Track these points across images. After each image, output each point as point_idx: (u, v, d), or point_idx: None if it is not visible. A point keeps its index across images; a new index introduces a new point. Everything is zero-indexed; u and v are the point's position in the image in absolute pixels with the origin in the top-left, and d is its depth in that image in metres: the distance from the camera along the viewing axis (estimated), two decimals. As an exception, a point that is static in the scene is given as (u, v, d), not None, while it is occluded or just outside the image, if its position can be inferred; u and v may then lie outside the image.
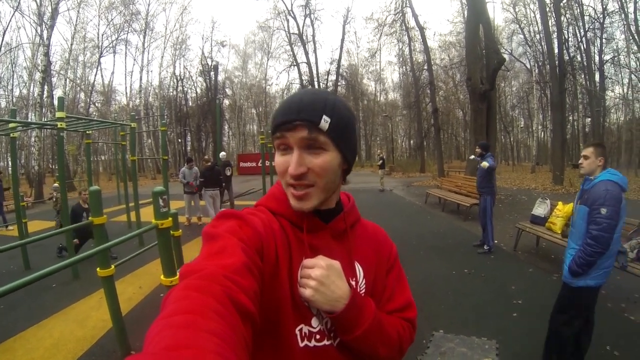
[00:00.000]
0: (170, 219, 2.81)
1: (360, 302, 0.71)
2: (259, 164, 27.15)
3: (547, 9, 18.06)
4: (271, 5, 34.04)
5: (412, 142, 44.63)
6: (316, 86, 33.70)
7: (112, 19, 31.72)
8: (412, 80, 29.49)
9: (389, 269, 0.86)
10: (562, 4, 20.50)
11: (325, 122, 0.67)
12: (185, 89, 39.78)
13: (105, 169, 36.51)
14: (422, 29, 23.80)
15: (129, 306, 4.08)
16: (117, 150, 11.28)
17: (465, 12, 22.38)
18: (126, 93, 35.95)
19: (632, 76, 25.57)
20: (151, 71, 35.34)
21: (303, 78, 34.78)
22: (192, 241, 6.83)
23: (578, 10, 24.52)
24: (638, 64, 24.97)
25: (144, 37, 33.56)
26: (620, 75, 26.37)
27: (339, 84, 35.74)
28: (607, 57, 26.15)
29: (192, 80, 40.09)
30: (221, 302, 0.46)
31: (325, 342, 0.71)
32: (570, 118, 25.46)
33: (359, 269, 0.79)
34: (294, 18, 33.30)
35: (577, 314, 2.60)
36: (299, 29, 33.32)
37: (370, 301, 0.75)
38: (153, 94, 36.98)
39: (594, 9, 25.13)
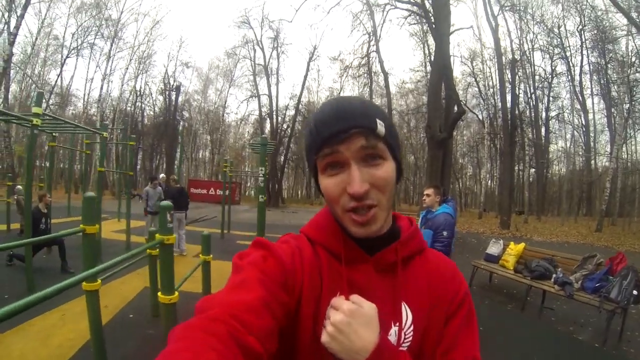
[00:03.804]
0: (174, 235, 2.77)
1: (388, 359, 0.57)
2: (210, 192, 26.82)
3: (504, 67, 19.49)
4: (241, 33, 33.44)
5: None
6: (274, 120, 33.40)
7: (84, 22, 30.53)
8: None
9: (452, 315, 0.67)
10: (516, 63, 22.29)
11: (381, 126, 0.60)
12: (144, 105, 38.55)
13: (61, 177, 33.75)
14: (386, 75, 24.70)
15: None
16: (73, 159, 10.32)
17: (428, 64, 23.63)
18: (84, 100, 34.12)
19: (574, 132, 28.12)
20: (111, 81, 33.96)
21: (262, 110, 34.52)
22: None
23: (530, 69, 27.39)
24: (580, 121, 27.53)
25: (111, 45, 32.41)
26: (563, 130, 29.35)
27: (296, 120, 35.15)
28: (552, 114, 29.19)
29: (152, 97, 38.99)
30: (224, 342, 0.45)
31: None
32: (516, 168, 27.11)
33: (406, 312, 0.65)
34: (262, 49, 33.03)
35: None
36: (264, 60, 33.14)
37: (407, 358, 0.59)
38: (110, 105, 35.37)
39: (544, 69, 28.41)
